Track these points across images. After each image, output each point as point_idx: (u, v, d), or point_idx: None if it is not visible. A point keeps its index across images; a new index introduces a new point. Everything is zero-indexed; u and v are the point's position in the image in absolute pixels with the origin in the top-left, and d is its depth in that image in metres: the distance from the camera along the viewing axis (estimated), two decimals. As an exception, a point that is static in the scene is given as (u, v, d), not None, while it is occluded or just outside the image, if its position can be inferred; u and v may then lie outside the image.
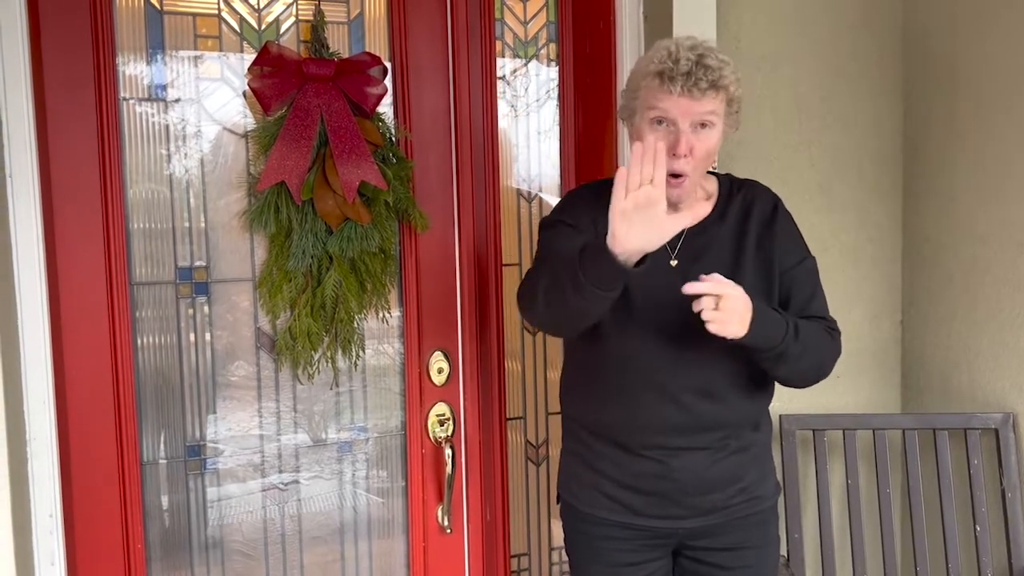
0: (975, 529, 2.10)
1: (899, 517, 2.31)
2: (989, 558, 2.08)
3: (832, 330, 1.67)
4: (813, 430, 2.18)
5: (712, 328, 1.43)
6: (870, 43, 2.30)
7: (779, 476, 2.01)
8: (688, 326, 1.52)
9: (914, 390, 2.36)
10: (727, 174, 1.75)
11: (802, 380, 1.66)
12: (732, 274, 1.54)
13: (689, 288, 1.42)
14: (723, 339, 1.47)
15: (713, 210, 1.63)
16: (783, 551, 2.09)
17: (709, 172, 1.70)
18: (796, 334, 1.54)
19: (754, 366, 1.60)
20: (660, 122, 1.51)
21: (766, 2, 2.19)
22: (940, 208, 2.24)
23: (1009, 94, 2.04)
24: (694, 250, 1.62)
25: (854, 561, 2.16)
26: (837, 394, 2.33)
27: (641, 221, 1.33)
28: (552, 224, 1.66)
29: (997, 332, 2.10)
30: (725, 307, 1.43)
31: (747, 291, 1.47)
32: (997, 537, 2.10)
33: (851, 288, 2.32)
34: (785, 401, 2.23)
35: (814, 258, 1.69)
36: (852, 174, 2.30)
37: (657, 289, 1.55)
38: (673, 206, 1.52)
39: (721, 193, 1.68)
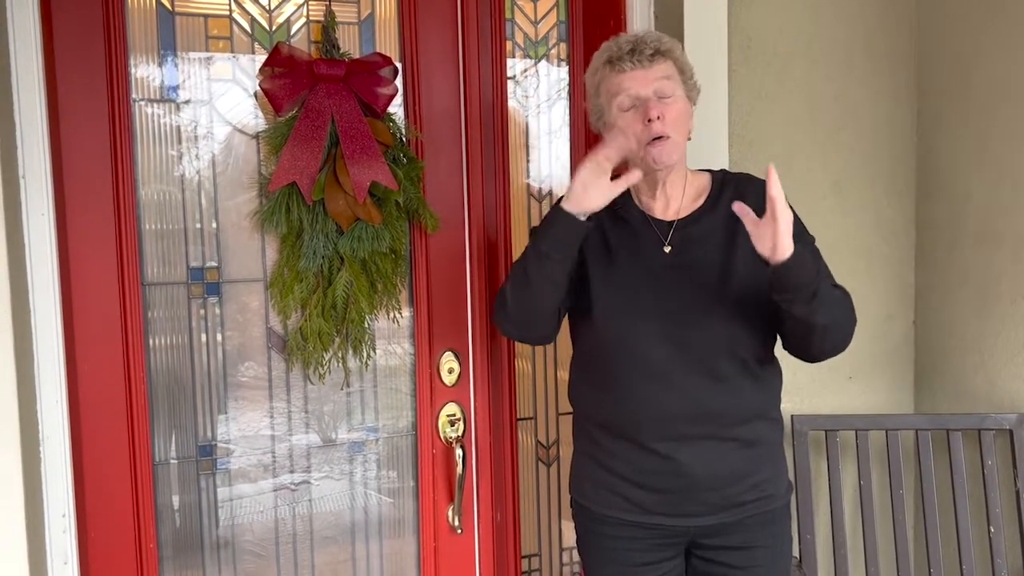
0: (989, 530, 2.08)
1: (912, 518, 2.30)
2: (1004, 560, 2.07)
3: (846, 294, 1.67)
4: (825, 431, 2.17)
5: (781, 228, 1.44)
6: (883, 43, 2.28)
7: (791, 477, 2.00)
8: (686, 310, 1.60)
9: (927, 391, 2.34)
10: (721, 169, 1.77)
11: (837, 332, 1.61)
12: (725, 262, 1.61)
13: (772, 170, 1.45)
14: (721, 322, 1.58)
15: (705, 201, 1.69)
16: (795, 552, 2.08)
17: (703, 170, 1.76)
18: (821, 279, 1.55)
19: (758, 348, 1.63)
20: (627, 107, 1.61)
21: (778, 1, 2.18)
22: (954, 208, 2.23)
23: (1022, 93, 2.02)
24: (687, 238, 1.65)
25: (867, 563, 2.15)
26: (850, 395, 2.32)
27: (593, 185, 1.55)
28: (533, 231, 1.73)
29: (1011, 332, 2.09)
30: (783, 220, 1.45)
31: (740, 279, 1.55)
32: (1012, 538, 2.08)
33: (864, 288, 2.31)
34: (797, 402, 2.22)
35: (813, 237, 1.71)
36: (865, 174, 2.29)
37: (652, 276, 1.62)
38: (663, 186, 1.66)
39: (713, 186, 1.72)
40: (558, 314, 1.68)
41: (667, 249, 1.65)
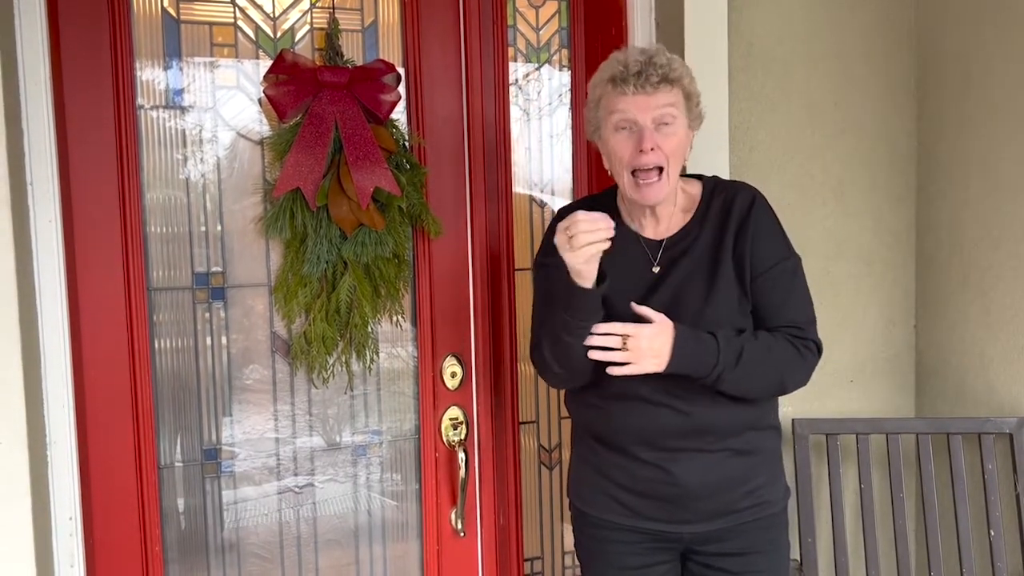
0: (990, 534, 2.09)
1: (913, 522, 2.31)
2: (1004, 563, 2.08)
3: (802, 341, 1.63)
4: (826, 434, 2.18)
5: (627, 367, 1.53)
6: (883, 47, 2.29)
7: (792, 481, 2.01)
8: None
9: (928, 394, 2.35)
10: (713, 176, 1.75)
11: (752, 396, 1.64)
12: (709, 281, 1.61)
13: (599, 328, 1.53)
14: None
15: (693, 217, 1.66)
16: (795, 556, 2.09)
17: (694, 176, 1.74)
18: (737, 361, 1.55)
19: None
20: (622, 128, 1.57)
21: (778, 6, 2.19)
22: (954, 212, 2.23)
23: (1022, 96, 2.03)
24: (674, 257, 1.64)
25: (868, 566, 2.16)
26: (851, 398, 2.32)
27: (595, 258, 1.51)
28: (538, 267, 1.74)
29: (1012, 336, 2.10)
30: (631, 345, 1.53)
31: (721, 299, 1.55)
32: (1012, 542, 2.09)
33: (865, 293, 2.32)
34: (798, 405, 2.23)
35: (798, 257, 1.67)
36: (866, 179, 2.30)
37: (641, 296, 1.61)
38: (652, 209, 1.64)
39: (703, 198, 1.68)
40: None
41: (656, 269, 1.65)
